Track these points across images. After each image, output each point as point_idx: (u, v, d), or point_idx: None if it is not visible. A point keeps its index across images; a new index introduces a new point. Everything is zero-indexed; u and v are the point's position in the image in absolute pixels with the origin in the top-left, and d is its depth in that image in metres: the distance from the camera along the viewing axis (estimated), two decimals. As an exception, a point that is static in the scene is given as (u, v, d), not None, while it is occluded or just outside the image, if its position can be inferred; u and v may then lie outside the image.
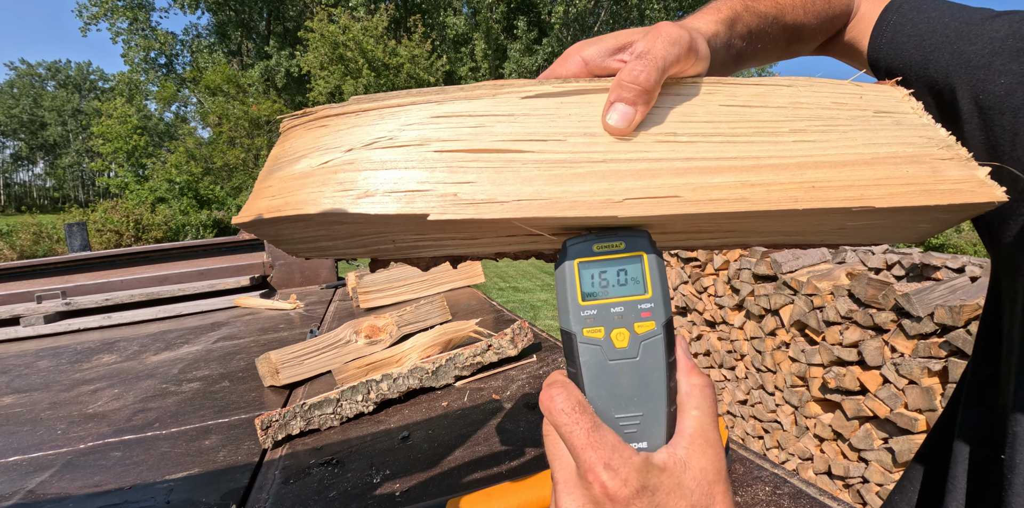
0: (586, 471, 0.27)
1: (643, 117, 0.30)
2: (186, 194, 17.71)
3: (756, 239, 0.38)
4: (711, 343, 3.82)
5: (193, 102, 23.99)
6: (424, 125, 0.29)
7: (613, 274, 0.30)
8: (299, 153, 0.31)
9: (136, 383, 0.93)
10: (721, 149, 0.30)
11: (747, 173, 0.29)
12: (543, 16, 22.15)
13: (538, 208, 0.28)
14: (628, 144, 0.30)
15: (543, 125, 0.30)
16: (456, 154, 0.29)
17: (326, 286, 1.99)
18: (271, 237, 0.35)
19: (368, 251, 0.38)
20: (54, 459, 0.62)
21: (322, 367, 0.87)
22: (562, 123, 0.30)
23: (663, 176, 0.29)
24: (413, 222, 0.29)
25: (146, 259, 1.94)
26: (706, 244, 0.39)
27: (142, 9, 22.28)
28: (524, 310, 7.89)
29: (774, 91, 0.33)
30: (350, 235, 0.34)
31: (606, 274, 0.30)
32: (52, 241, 14.67)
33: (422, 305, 1.02)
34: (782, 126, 0.31)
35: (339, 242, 0.36)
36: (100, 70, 48.99)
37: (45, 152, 49.36)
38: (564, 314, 0.31)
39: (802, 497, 0.42)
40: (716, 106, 0.32)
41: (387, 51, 17.96)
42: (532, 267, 13.57)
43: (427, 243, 0.36)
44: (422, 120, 0.30)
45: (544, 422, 0.30)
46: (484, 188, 0.28)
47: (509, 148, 0.29)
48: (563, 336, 0.31)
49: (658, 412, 0.30)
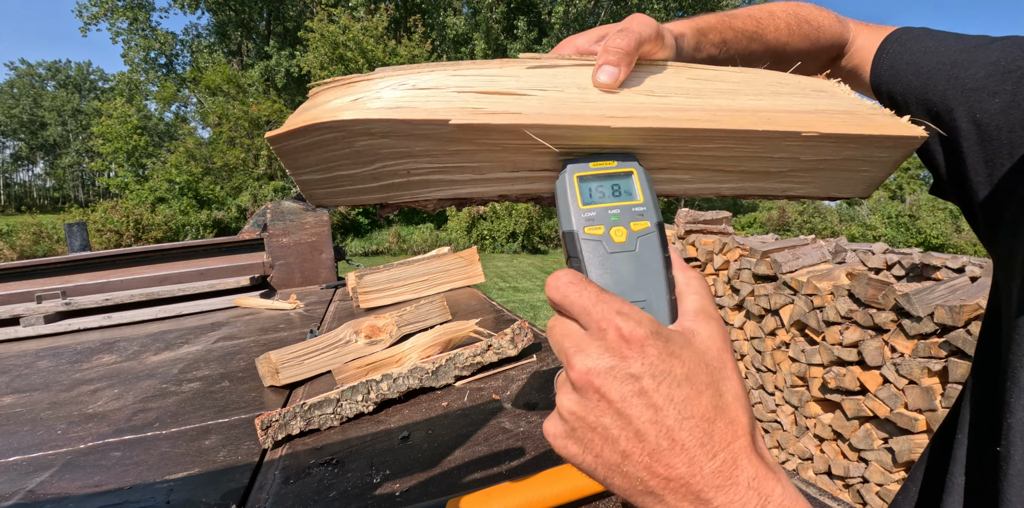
0: (599, 321, 0.28)
1: (625, 76, 0.36)
2: (186, 194, 17.71)
3: (728, 185, 0.43)
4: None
5: (193, 102, 24.00)
6: (444, 79, 0.35)
7: (608, 187, 0.35)
8: (330, 98, 0.34)
9: (136, 383, 0.93)
10: (691, 102, 0.37)
11: (715, 112, 0.36)
12: (543, 16, 22.15)
13: (547, 118, 0.33)
14: (615, 95, 0.36)
15: (544, 82, 0.36)
16: (473, 94, 0.34)
17: (326, 286, 1.99)
18: (297, 163, 0.38)
19: (382, 188, 0.40)
20: (54, 459, 0.62)
21: (322, 367, 0.87)
22: (559, 81, 0.36)
23: (647, 111, 0.35)
24: (435, 133, 0.33)
25: (146, 259, 1.94)
26: (684, 190, 0.43)
27: (142, 9, 22.28)
28: (524, 310, 7.89)
29: (730, 72, 0.41)
30: (370, 160, 0.37)
31: (602, 187, 0.35)
32: (52, 241, 14.68)
33: (422, 305, 1.02)
34: (739, 90, 0.39)
35: (358, 172, 0.38)
36: (100, 70, 48.99)
37: (45, 152, 49.37)
38: (566, 217, 0.34)
39: (802, 497, 0.42)
40: (684, 78, 0.39)
41: (387, 51, 17.97)
42: (532, 267, 13.56)
43: (439, 177, 0.39)
44: (442, 77, 0.35)
45: (548, 323, 0.31)
46: (500, 105, 0.34)
47: (517, 92, 0.34)
48: (565, 237, 0.35)
49: (660, 298, 0.32)
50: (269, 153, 19.58)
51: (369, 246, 17.86)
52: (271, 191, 18.05)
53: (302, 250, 2.05)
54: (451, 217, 18.57)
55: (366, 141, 0.35)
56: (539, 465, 0.61)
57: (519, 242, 17.85)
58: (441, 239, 17.95)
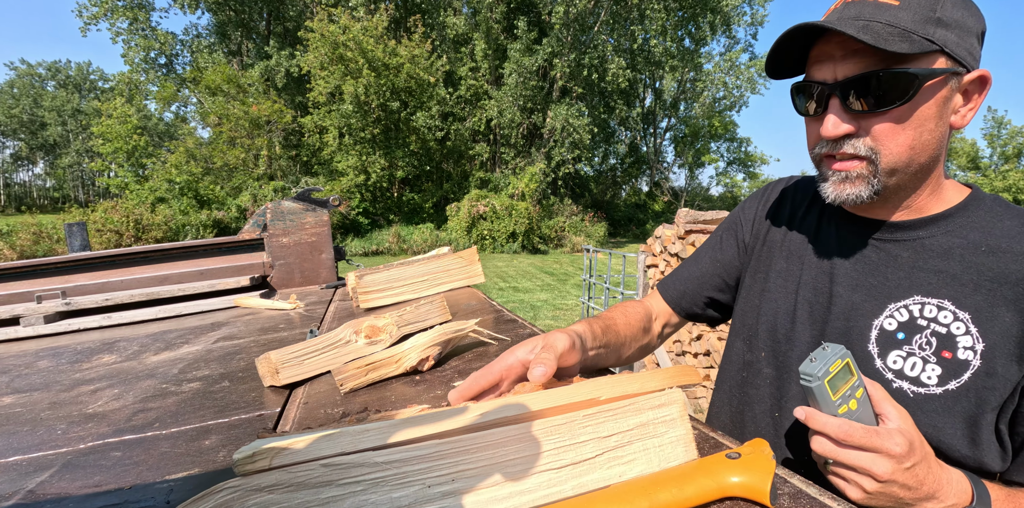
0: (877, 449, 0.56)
1: (551, 374, 0.55)
2: (186, 194, 17.69)
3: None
4: (711, 343, 3.82)
5: (193, 102, 23.99)
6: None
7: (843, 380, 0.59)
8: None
9: (136, 383, 0.93)
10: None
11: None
12: (543, 16, 22.15)
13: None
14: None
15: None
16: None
17: (326, 286, 1.99)
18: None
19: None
20: (54, 459, 0.62)
21: (322, 367, 0.87)
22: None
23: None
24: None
25: (146, 259, 1.94)
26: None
27: (142, 9, 22.26)
28: (524, 310, 7.89)
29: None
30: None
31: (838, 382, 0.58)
32: (52, 241, 14.67)
33: (422, 305, 1.02)
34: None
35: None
36: (100, 70, 48.98)
37: (45, 152, 49.34)
38: (828, 407, 0.57)
39: (802, 497, 0.42)
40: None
41: (387, 51, 17.95)
42: (532, 267, 13.56)
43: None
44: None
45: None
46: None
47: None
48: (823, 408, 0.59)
49: (871, 420, 0.60)
50: (269, 153, 19.59)
51: (369, 246, 17.85)
52: (271, 191, 18.05)
53: (302, 250, 2.05)
54: (451, 217, 18.57)
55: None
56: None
57: (519, 242, 17.85)
58: (441, 239, 17.95)
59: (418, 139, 19.99)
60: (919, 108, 0.63)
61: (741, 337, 0.87)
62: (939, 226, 0.70)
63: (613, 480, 0.43)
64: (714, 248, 0.97)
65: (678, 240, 4.10)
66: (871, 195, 0.68)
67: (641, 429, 0.46)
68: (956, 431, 0.64)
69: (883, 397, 0.60)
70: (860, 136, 0.66)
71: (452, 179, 21.88)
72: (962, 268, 0.67)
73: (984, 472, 0.64)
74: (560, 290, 9.81)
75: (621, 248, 18.71)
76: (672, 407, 0.47)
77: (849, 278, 0.75)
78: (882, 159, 0.65)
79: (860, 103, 0.64)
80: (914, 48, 0.60)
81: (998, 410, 0.63)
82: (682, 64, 27.38)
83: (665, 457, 0.46)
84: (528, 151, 22.84)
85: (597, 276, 6.63)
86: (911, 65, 0.61)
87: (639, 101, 30.69)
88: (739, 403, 0.86)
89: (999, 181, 30.81)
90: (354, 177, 19.06)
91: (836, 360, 0.56)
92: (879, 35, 0.60)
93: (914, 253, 0.71)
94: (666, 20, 24.24)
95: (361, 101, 18.22)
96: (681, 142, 34.69)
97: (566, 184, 25.27)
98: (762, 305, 0.83)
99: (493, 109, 21.44)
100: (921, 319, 0.67)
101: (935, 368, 0.66)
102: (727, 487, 0.41)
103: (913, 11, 0.61)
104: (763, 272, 0.86)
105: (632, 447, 0.45)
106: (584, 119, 21.20)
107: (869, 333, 0.71)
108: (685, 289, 0.98)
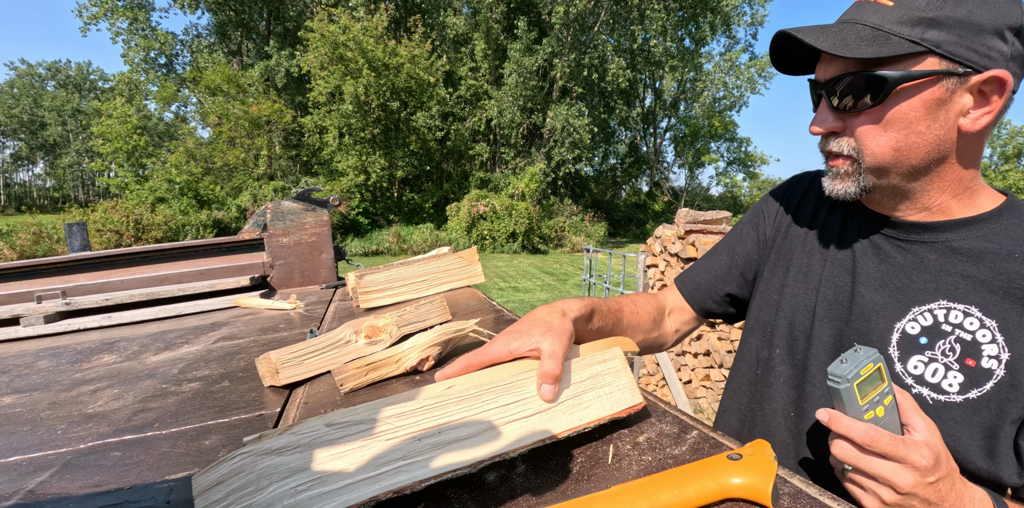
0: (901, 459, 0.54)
1: (557, 389, 0.52)
2: (186, 194, 17.69)
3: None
4: (711, 343, 3.82)
5: (193, 102, 23.98)
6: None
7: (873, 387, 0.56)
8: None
9: (136, 383, 0.93)
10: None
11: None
12: (543, 16, 22.15)
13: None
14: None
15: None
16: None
17: (326, 286, 1.99)
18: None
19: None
20: (54, 459, 0.62)
21: (322, 367, 0.87)
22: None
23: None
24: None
25: (146, 259, 1.94)
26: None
27: (142, 9, 22.26)
28: (524, 310, 7.90)
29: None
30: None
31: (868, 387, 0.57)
32: (52, 241, 14.67)
33: (422, 305, 1.02)
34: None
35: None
36: (100, 70, 48.98)
37: (45, 152, 49.34)
38: (854, 411, 0.55)
39: (802, 497, 0.42)
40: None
41: (387, 51, 17.95)
42: (532, 267, 13.56)
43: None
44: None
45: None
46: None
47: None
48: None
49: (897, 430, 0.58)
50: (269, 153, 19.59)
51: (369, 246, 17.85)
52: (271, 191, 18.05)
53: (302, 250, 2.05)
54: (451, 217, 18.57)
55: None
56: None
57: (519, 242, 17.85)
58: (441, 239, 17.95)
59: (418, 139, 19.99)
60: (899, 110, 0.62)
61: (756, 333, 0.84)
62: (971, 230, 0.67)
63: (576, 424, 0.50)
64: (733, 240, 0.94)
65: (678, 240, 4.10)
66: (859, 192, 0.69)
67: (592, 380, 0.54)
68: (973, 442, 0.62)
69: (912, 407, 0.58)
70: (845, 135, 0.67)
71: (452, 179, 21.88)
72: (993, 274, 0.64)
73: (998, 486, 0.62)
74: (560, 290, 9.81)
75: (621, 248, 18.71)
76: (615, 361, 0.56)
77: (872, 278, 0.72)
78: (864, 158, 0.66)
79: (842, 103, 0.65)
80: (890, 50, 0.59)
81: (1018, 423, 0.61)
82: (682, 64, 27.39)
83: (615, 402, 0.53)
84: (528, 151, 22.84)
85: (597, 276, 6.63)
86: (888, 67, 0.61)
87: (639, 101, 30.69)
88: (750, 401, 0.83)
89: (999, 181, 30.79)
90: (354, 177, 19.06)
91: (868, 364, 0.55)
92: (846, 40, 0.61)
93: (942, 256, 0.68)
94: (666, 20, 24.25)
95: (361, 101, 18.21)
96: (681, 142, 34.69)
97: (566, 184, 25.27)
98: (781, 300, 0.81)
99: (493, 109, 21.44)
100: (946, 324, 0.65)
101: (957, 376, 0.63)
102: (728, 488, 0.41)
103: (900, 11, 0.60)
104: (783, 267, 0.84)
105: (587, 395, 0.53)
106: (584, 119, 21.20)
107: (890, 336, 0.68)
108: (701, 281, 0.96)
